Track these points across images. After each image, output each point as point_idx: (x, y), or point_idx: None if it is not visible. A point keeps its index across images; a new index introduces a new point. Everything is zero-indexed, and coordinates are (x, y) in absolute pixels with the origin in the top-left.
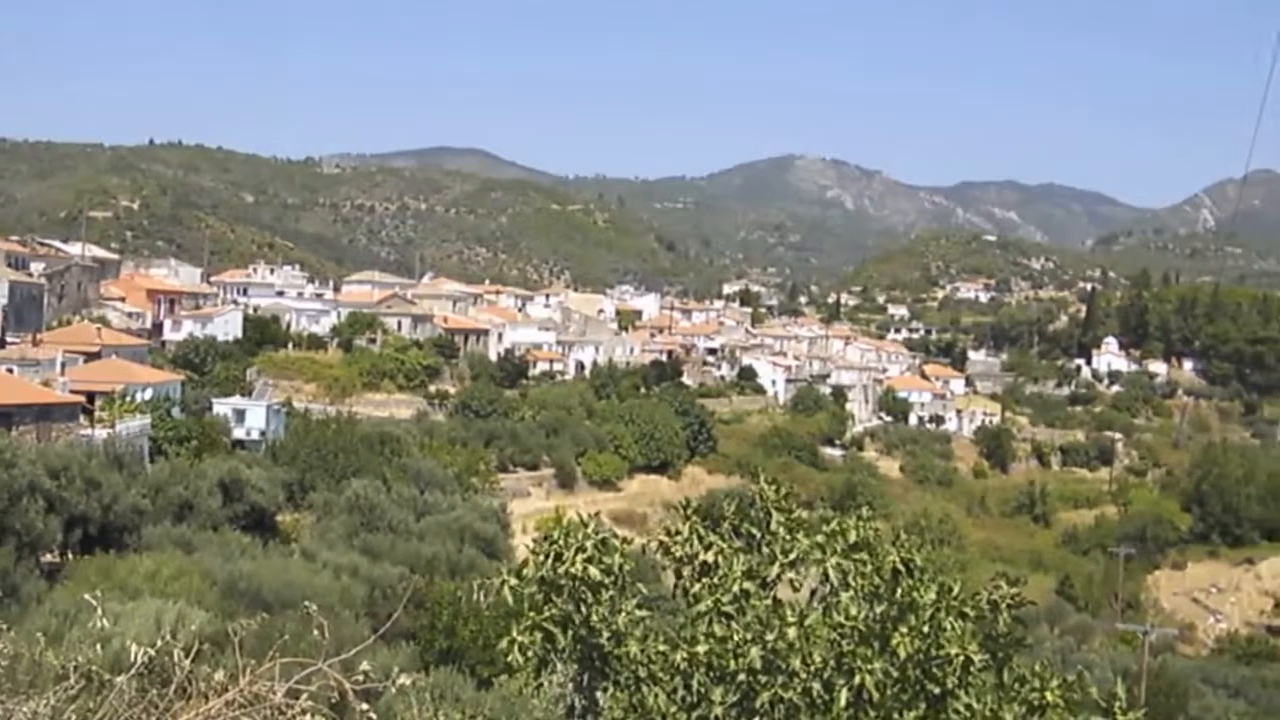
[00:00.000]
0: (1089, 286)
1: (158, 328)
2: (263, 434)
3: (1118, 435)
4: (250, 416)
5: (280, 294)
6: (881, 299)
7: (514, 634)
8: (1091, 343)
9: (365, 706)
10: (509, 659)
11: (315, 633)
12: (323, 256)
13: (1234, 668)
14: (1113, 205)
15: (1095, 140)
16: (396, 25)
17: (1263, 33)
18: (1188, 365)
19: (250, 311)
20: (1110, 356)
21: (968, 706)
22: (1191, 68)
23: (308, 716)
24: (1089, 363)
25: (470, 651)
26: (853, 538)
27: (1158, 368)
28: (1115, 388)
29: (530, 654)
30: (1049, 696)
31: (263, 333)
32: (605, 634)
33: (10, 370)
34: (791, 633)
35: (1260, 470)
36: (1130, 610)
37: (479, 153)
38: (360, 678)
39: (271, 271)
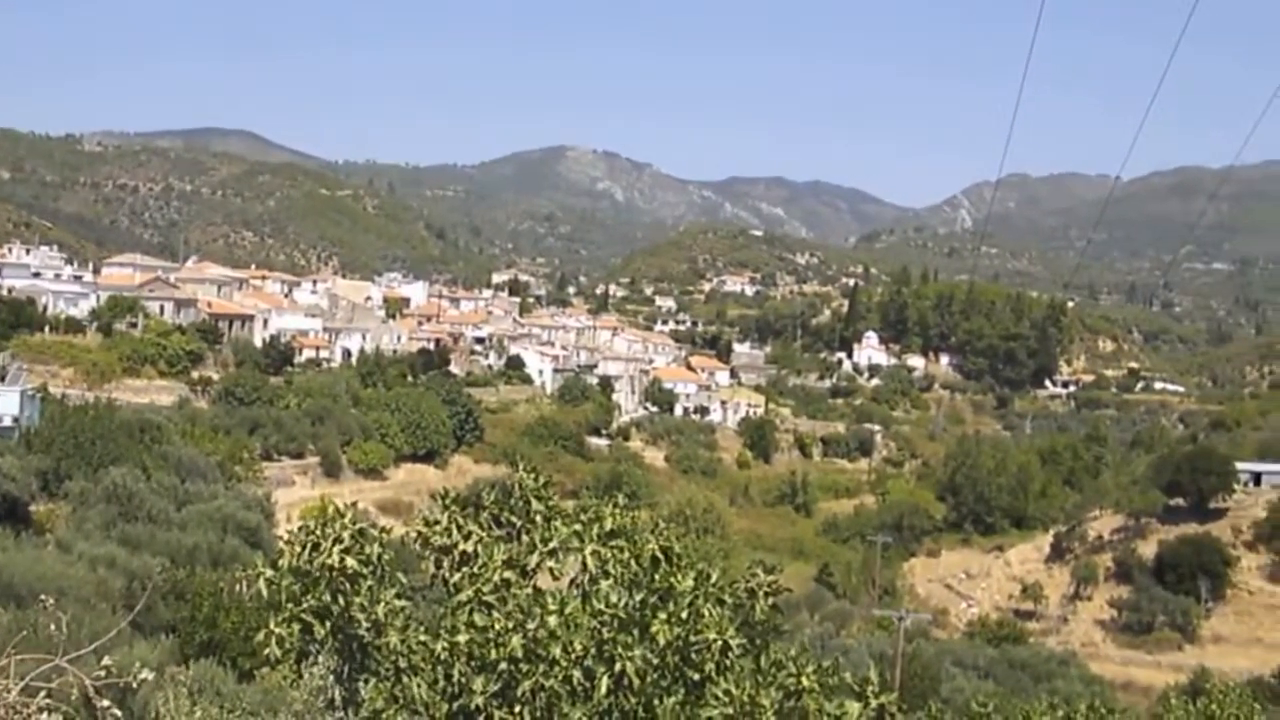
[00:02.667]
0: (851, 282)
1: None
2: (16, 421)
3: (877, 427)
4: (2, 403)
5: (36, 275)
6: (649, 291)
7: (271, 626)
8: (853, 337)
9: (107, 703)
10: (267, 651)
11: (58, 627)
12: (82, 237)
13: (984, 650)
14: (876, 204)
15: (859, 140)
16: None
17: (1017, 41)
18: (944, 360)
19: (4, 293)
20: (871, 350)
21: (726, 692)
22: (951, 71)
23: (45, 715)
24: (850, 356)
25: (232, 644)
26: (609, 525)
27: (916, 362)
28: (875, 381)
29: (288, 646)
30: (805, 681)
31: (17, 315)
32: (364, 624)
33: None
34: (552, 621)
35: (1010, 462)
36: (887, 596)
37: (247, 134)
38: (102, 673)
39: (28, 252)
